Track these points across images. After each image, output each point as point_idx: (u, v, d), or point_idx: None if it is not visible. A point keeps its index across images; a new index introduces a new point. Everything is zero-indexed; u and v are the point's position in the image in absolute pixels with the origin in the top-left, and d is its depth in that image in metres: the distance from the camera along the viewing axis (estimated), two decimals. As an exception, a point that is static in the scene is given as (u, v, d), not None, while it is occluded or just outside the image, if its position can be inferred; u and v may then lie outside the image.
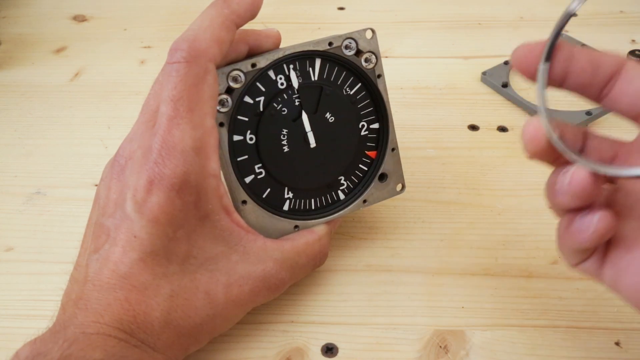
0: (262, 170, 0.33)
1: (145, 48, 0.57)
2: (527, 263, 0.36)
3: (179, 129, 0.28)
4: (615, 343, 0.32)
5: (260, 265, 0.31)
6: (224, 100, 0.31)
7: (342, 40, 0.33)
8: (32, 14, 0.63)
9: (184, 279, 0.29)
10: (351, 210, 0.35)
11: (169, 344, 0.28)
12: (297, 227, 0.34)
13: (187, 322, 0.28)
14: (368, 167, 0.36)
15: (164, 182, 0.28)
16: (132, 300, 0.27)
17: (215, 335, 0.31)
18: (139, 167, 0.28)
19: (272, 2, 0.62)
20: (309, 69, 0.33)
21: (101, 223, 0.29)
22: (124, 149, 0.31)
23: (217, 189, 0.30)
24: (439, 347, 0.32)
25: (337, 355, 0.32)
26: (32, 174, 0.44)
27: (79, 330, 0.26)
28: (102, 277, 0.27)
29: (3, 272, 0.37)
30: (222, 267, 0.30)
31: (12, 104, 0.51)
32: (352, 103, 0.34)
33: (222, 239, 0.30)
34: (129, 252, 0.27)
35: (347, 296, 0.35)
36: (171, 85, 0.28)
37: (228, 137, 0.32)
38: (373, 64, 0.34)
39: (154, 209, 0.27)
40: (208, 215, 0.29)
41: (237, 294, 0.30)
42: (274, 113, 0.32)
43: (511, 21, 0.60)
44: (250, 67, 0.31)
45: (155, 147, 0.28)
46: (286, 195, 0.34)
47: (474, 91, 0.51)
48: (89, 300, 0.27)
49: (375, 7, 0.63)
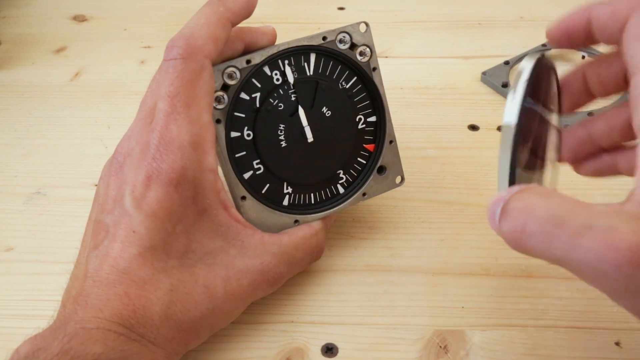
0: (260, 166, 0.33)
1: (145, 48, 0.57)
2: (527, 263, 0.36)
3: (176, 124, 0.28)
4: (615, 343, 0.32)
5: (258, 259, 0.31)
6: (220, 97, 0.31)
7: (336, 34, 0.33)
8: (32, 14, 0.63)
9: (183, 273, 0.29)
10: (351, 203, 0.35)
11: (169, 338, 0.28)
12: (297, 221, 0.34)
13: (186, 316, 0.28)
14: (366, 160, 0.36)
15: (162, 177, 0.28)
16: (132, 295, 0.27)
17: (216, 330, 0.31)
18: (137, 163, 0.29)
19: (272, 2, 0.62)
20: (304, 64, 0.33)
21: (100, 220, 0.29)
22: (122, 146, 0.31)
23: (215, 183, 0.30)
24: (439, 347, 0.32)
25: (337, 355, 0.32)
26: (32, 174, 0.44)
27: (79, 325, 0.26)
28: (101, 272, 0.27)
29: (3, 272, 0.37)
30: (220, 261, 0.30)
31: (12, 104, 0.51)
32: (349, 97, 0.34)
33: (220, 233, 0.30)
34: (128, 248, 0.28)
35: (347, 296, 0.35)
36: (168, 81, 0.29)
37: (225, 134, 0.32)
38: (368, 57, 0.34)
39: (153, 204, 0.28)
40: (206, 210, 0.30)
41: (236, 288, 0.30)
42: (270, 109, 0.33)
43: (511, 21, 0.60)
44: (245, 63, 0.32)
45: (153, 142, 0.28)
46: (285, 190, 0.34)
47: (474, 91, 0.51)
48: (88, 296, 0.27)
49: (375, 7, 0.63)
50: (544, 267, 0.36)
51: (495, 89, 0.50)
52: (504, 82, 0.50)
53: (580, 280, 0.36)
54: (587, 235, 0.20)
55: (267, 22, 0.34)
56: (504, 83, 0.50)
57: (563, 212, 0.20)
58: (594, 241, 0.19)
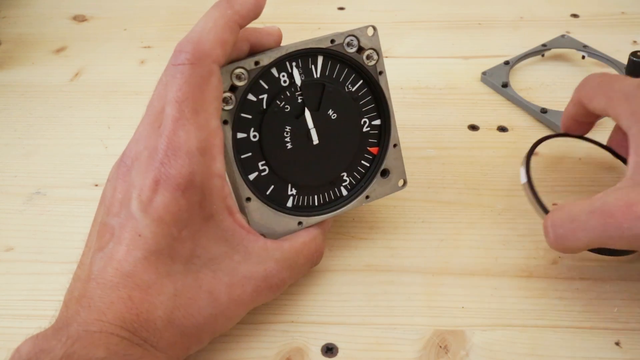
0: (265, 167, 0.33)
1: (145, 48, 0.57)
2: (527, 263, 0.36)
3: (184, 130, 0.28)
4: (615, 343, 0.32)
5: (262, 266, 0.31)
6: (227, 98, 0.31)
7: (344, 37, 0.33)
8: (32, 14, 0.63)
9: (187, 278, 0.29)
10: (354, 206, 0.35)
11: (171, 343, 0.28)
12: (301, 223, 0.34)
13: (189, 321, 0.28)
14: (370, 163, 0.36)
15: (170, 182, 0.28)
16: (136, 299, 0.27)
17: (217, 336, 0.31)
18: (145, 168, 0.29)
19: (272, 2, 0.62)
20: (311, 66, 0.33)
21: (106, 222, 0.29)
22: (130, 149, 0.31)
23: (222, 189, 0.30)
24: (439, 347, 0.32)
25: (337, 355, 0.32)
26: (32, 174, 0.44)
27: (82, 328, 0.26)
28: (105, 275, 0.27)
29: (3, 272, 0.37)
30: (224, 267, 0.30)
31: (12, 104, 0.51)
32: (354, 100, 0.34)
33: (224, 239, 0.30)
34: (133, 251, 0.27)
35: (347, 296, 0.35)
36: (176, 87, 0.29)
37: (232, 135, 0.32)
38: (375, 61, 0.34)
39: (159, 209, 0.28)
40: (212, 216, 0.29)
41: (239, 294, 0.30)
42: (277, 110, 0.33)
43: (511, 21, 0.60)
44: (254, 65, 0.32)
45: (161, 148, 0.28)
46: (289, 191, 0.34)
47: (474, 91, 0.51)
48: (92, 298, 0.27)
49: (375, 7, 0.63)
50: (544, 267, 0.36)
51: (495, 89, 0.50)
52: (504, 82, 0.50)
53: (580, 280, 0.36)
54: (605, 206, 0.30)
55: (267, 22, 0.34)
56: (504, 83, 0.50)
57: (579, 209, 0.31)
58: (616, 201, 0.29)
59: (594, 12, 0.60)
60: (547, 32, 0.56)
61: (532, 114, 0.47)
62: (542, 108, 0.47)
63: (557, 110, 0.46)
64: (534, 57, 0.54)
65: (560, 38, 0.55)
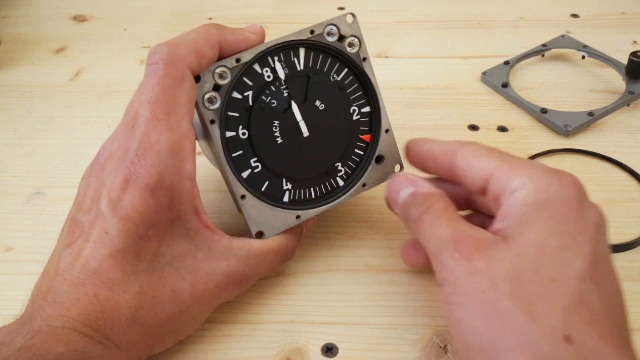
0: (258, 164, 0.33)
1: (145, 48, 0.57)
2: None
3: (156, 131, 0.29)
4: (615, 343, 0.32)
5: (224, 263, 0.31)
6: (212, 97, 0.31)
7: (323, 27, 0.33)
8: (32, 14, 0.63)
9: (152, 277, 0.29)
10: (351, 195, 0.35)
11: (134, 341, 0.28)
12: (299, 217, 0.34)
13: (153, 319, 0.29)
14: (364, 151, 0.36)
15: (139, 181, 0.28)
16: (101, 296, 0.27)
17: (182, 337, 0.31)
18: (117, 167, 0.29)
19: (272, 2, 0.62)
20: (293, 59, 0.33)
21: (76, 218, 0.30)
22: (105, 148, 0.31)
23: (191, 191, 0.30)
24: (439, 347, 0.32)
25: (337, 355, 0.32)
26: (32, 174, 0.44)
27: (45, 322, 0.26)
28: (72, 271, 0.28)
29: (3, 272, 0.37)
30: (187, 265, 0.30)
31: (12, 104, 0.51)
32: (341, 89, 0.34)
33: (188, 237, 0.30)
34: (100, 248, 0.28)
35: (348, 296, 0.35)
36: (149, 87, 0.29)
37: (220, 134, 0.32)
38: (357, 48, 0.34)
39: (127, 208, 0.28)
40: (180, 216, 0.30)
41: (202, 291, 0.30)
42: (263, 106, 0.33)
43: (511, 21, 0.60)
44: (235, 62, 0.32)
45: (133, 147, 0.29)
46: (285, 186, 0.34)
47: (474, 91, 0.51)
48: (57, 294, 0.27)
49: (375, 7, 0.63)
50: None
51: (495, 89, 0.50)
52: (504, 82, 0.50)
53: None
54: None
55: (267, 22, 0.34)
56: (504, 83, 0.50)
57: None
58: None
59: (594, 12, 0.60)
60: (547, 32, 0.56)
61: (532, 114, 0.47)
62: (542, 108, 0.47)
63: (557, 110, 0.46)
64: (534, 57, 0.54)
65: (560, 38, 0.55)
